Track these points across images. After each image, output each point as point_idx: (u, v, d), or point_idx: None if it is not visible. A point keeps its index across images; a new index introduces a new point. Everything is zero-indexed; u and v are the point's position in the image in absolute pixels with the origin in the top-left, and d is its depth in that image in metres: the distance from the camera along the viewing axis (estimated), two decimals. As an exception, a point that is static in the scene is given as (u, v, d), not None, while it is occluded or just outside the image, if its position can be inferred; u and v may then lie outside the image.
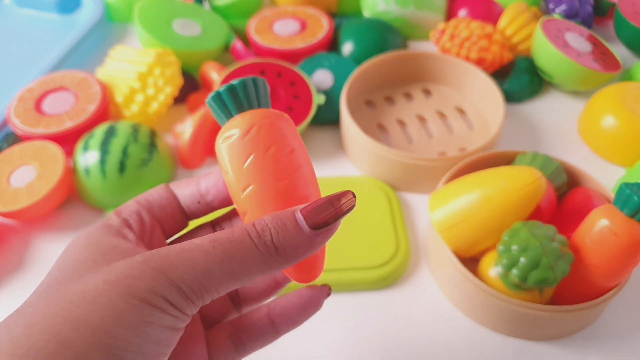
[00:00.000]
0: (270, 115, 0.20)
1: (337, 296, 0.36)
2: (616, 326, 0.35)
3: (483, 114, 0.49)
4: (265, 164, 0.20)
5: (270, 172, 0.20)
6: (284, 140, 0.20)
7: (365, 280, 0.36)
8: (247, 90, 0.20)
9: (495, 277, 0.33)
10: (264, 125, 0.20)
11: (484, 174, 0.35)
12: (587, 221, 0.32)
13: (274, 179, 0.20)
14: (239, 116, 0.20)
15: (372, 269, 0.36)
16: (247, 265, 0.18)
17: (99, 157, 0.40)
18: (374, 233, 0.38)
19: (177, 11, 0.53)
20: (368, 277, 0.36)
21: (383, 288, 0.37)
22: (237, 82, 0.20)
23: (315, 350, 0.33)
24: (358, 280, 0.36)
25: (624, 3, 0.57)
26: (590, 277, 0.32)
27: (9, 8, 0.61)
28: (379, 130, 0.48)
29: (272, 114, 0.20)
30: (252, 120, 0.20)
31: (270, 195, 0.20)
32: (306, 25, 0.54)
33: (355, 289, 0.37)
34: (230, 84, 0.20)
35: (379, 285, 0.37)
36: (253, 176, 0.20)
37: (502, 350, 0.34)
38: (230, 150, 0.20)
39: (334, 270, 0.36)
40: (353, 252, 0.37)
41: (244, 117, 0.20)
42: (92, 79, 0.46)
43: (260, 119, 0.20)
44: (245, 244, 0.18)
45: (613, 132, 0.45)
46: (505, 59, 0.52)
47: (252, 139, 0.20)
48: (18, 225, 0.41)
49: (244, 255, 0.18)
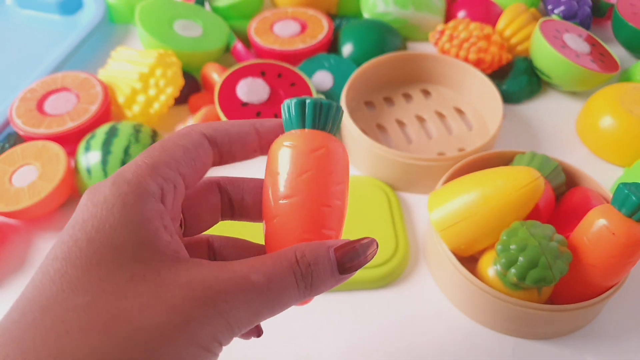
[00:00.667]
0: (340, 145, 0.22)
1: (336, 295, 0.36)
2: (614, 325, 0.35)
3: (482, 115, 0.49)
4: (319, 184, 0.21)
5: (320, 193, 0.21)
6: (341, 171, 0.22)
7: (364, 279, 0.36)
8: (329, 112, 0.22)
9: (494, 276, 0.33)
10: (333, 151, 0.21)
11: (482, 174, 0.35)
12: (585, 221, 0.32)
13: (320, 201, 0.21)
14: (314, 132, 0.21)
15: (372, 268, 0.37)
16: (287, 305, 0.19)
17: (100, 157, 0.40)
18: (374, 232, 0.39)
19: (178, 12, 0.53)
20: (367, 276, 0.36)
21: (382, 287, 0.37)
22: (325, 102, 0.22)
23: (314, 349, 0.34)
24: (357, 279, 0.36)
25: (623, 4, 0.57)
26: (588, 276, 0.32)
27: (11, 9, 0.62)
28: (379, 130, 0.48)
29: (341, 144, 0.22)
30: (324, 142, 0.21)
31: (310, 213, 0.21)
32: (306, 26, 0.54)
33: (354, 288, 0.37)
34: (319, 101, 0.21)
35: (378, 284, 0.37)
36: (303, 189, 0.21)
37: (501, 349, 0.34)
38: (293, 157, 0.21)
39: None
40: None
41: (318, 135, 0.21)
42: (94, 80, 0.46)
43: (332, 142, 0.21)
44: (290, 285, 0.18)
45: (611, 133, 0.46)
46: (503, 60, 0.52)
47: (318, 157, 0.21)
48: (20, 224, 0.41)
49: (287, 297, 0.18)
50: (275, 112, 0.45)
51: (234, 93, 0.45)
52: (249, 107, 0.44)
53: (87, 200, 0.18)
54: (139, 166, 0.18)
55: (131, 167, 0.18)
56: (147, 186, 0.18)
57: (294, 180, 0.21)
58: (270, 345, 0.33)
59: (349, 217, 0.24)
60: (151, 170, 0.18)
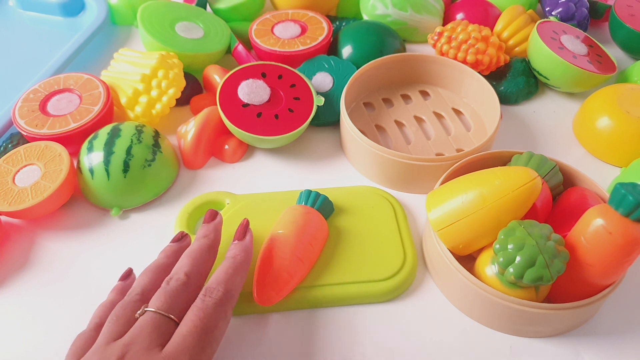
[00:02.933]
0: (325, 225, 0.38)
1: (346, 310, 0.36)
2: (611, 324, 0.36)
3: (480, 116, 0.49)
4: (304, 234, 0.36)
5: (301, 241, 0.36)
6: (318, 237, 0.37)
7: (374, 293, 0.36)
8: (325, 204, 0.39)
9: (492, 275, 0.33)
10: (320, 221, 0.38)
11: (480, 174, 0.36)
12: (582, 220, 0.32)
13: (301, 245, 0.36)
14: (314, 211, 0.38)
15: (380, 281, 0.36)
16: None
17: (103, 158, 0.40)
18: (381, 244, 0.38)
19: (180, 14, 0.54)
20: (377, 290, 0.36)
21: (392, 300, 0.36)
22: (324, 198, 0.40)
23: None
24: (367, 294, 0.35)
25: (620, 6, 0.57)
26: (585, 275, 0.32)
27: (14, 10, 0.62)
28: (378, 131, 0.48)
29: (326, 224, 0.39)
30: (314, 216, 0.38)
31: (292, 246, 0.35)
32: (306, 28, 0.54)
33: (363, 302, 0.36)
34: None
35: (387, 297, 0.36)
36: (291, 228, 0.36)
37: (498, 347, 0.34)
38: (293, 214, 0.38)
39: (341, 284, 0.36)
40: (360, 265, 0.36)
41: (312, 212, 0.38)
42: (96, 81, 0.47)
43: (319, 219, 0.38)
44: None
45: (608, 133, 0.46)
46: (501, 61, 0.52)
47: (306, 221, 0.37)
48: (23, 224, 0.41)
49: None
50: (275, 112, 0.45)
51: (235, 94, 0.45)
52: (249, 108, 0.45)
53: None
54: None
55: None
56: None
57: (290, 226, 0.37)
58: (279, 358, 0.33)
59: (356, 229, 0.39)
60: None
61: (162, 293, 0.29)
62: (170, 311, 0.28)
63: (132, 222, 0.41)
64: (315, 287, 0.35)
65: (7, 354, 0.33)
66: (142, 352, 0.26)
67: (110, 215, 0.42)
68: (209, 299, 0.29)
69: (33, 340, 0.34)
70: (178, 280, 0.29)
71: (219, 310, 0.28)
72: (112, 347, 0.27)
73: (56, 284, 0.37)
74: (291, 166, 0.46)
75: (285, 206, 0.39)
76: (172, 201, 0.43)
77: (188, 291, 0.29)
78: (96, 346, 0.27)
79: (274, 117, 0.45)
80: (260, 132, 0.43)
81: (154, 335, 0.27)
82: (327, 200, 0.39)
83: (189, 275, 0.30)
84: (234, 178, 0.45)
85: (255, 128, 0.43)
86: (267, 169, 0.46)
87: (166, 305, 0.28)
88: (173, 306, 0.28)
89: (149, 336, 0.27)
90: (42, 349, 0.34)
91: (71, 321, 0.35)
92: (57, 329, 0.35)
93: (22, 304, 0.36)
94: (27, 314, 0.36)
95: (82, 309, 0.33)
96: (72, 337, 0.29)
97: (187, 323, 0.27)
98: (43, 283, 0.37)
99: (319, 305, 0.36)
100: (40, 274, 0.38)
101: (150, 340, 0.26)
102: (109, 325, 0.28)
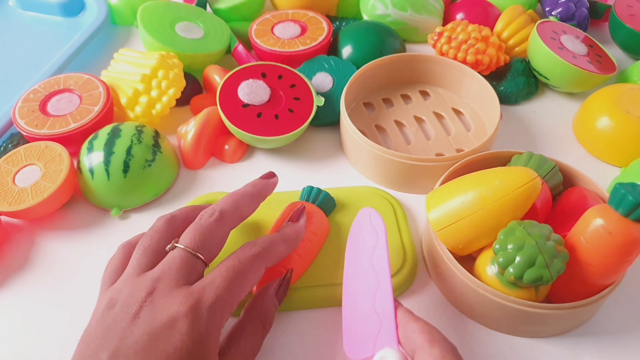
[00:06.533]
0: (326, 221, 0.39)
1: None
2: (611, 324, 0.36)
3: (480, 116, 0.49)
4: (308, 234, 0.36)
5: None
6: (321, 234, 0.38)
7: None
8: (326, 200, 0.39)
9: (492, 275, 0.33)
10: (320, 217, 0.38)
11: (480, 174, 0.36)
12: (582, 220, 0.32)
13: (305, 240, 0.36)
14: (314, 207, 0.39)
15: None
16: None
17: (103, 158, 0.40)
18: None
19: (180, 14, 0.54)
20: None
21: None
22: (326, 194, 0.40)
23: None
24: None
25: (620, 6, 0.57)
26: (585, 275, 0.32)
27: (14, 10, 0.62)
28: (378, 131, 0.48)
29: (326, 219, 0.39)
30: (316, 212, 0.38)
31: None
32: (306, 28, 0.54)
33: None
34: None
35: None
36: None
37: (498, 347, 0.34)
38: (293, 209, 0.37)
39: (342, 284, 0.35)
40: None
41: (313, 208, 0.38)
42: (96, 81, 0.47)
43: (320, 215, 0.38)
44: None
45: (608, 133, 0.46)
46: (501, 61, 0.52)
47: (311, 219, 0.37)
48: (23, 224, 0.41)
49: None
50: (275, 112, 0.45)
51: (235, 94, 0.45)
52: (250, 108, 0.45)
53: None
54: None
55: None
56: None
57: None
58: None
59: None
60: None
61: (192, 229, 0.29)
62: (199, 250, 0.28)
63: (132, 222, 0.41)
64: (315, 287, 0.35)
65: (7, 354, 0.33)
66: (170, 289, 0.26)
67: (111, 215, 0.42)
68: (248, 250, 0.29)
69: (33, 340, 0.34)
70: (212, 216, 0.30)
71: (254, 263, 0.29)
72: (142, 280, 0.27)
73: (56, 284, 0.37)
74: (291, 166, 0.46)
75: (285, 206, 0.39)
76: (172, 201, 0.43)
77: (220, 229, 0.30)
78: (126, 276, 0.28)
79: (274, 117, 0.45)
80: (260, 132, 0.43)
81: (182, 273, 0.27)
82: (328, 197, 0.39)
83: (223, 213, 0.30)
84: (234, 178, 0.45)
85: (255, 128, 0.44)
86: (267, 169, 0.46)
87: (195, 244, 0.28)
88: (202, 245, 0.29)
89: (177, 273, 0.27)
90: (42, 349, 0.34)
91: (71, 321, 0.35)
92: (57, 329, 0.35)
93: (22, 304, 0.36)
94: (27, 314, 0.36)
95: (82, 309, 0.33)
96: (72, 337, 0.29)
97: (221, 267, 0.28)
98: (43, 283, 0.37)
99: (319, 305, 0.36)
100: (40, 274, 0.38)
101: (178, 278, 0.27)
102: (137, 257, 0.29)
